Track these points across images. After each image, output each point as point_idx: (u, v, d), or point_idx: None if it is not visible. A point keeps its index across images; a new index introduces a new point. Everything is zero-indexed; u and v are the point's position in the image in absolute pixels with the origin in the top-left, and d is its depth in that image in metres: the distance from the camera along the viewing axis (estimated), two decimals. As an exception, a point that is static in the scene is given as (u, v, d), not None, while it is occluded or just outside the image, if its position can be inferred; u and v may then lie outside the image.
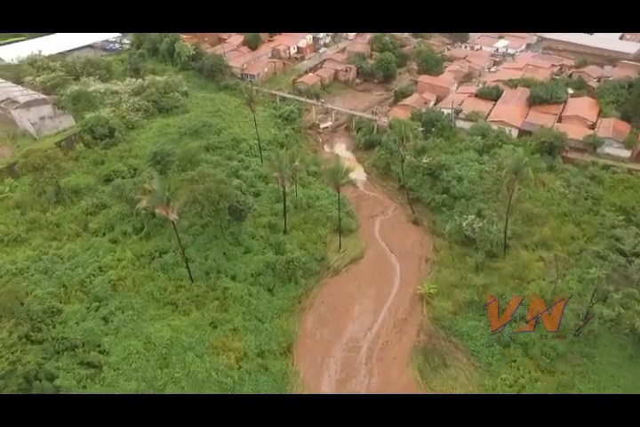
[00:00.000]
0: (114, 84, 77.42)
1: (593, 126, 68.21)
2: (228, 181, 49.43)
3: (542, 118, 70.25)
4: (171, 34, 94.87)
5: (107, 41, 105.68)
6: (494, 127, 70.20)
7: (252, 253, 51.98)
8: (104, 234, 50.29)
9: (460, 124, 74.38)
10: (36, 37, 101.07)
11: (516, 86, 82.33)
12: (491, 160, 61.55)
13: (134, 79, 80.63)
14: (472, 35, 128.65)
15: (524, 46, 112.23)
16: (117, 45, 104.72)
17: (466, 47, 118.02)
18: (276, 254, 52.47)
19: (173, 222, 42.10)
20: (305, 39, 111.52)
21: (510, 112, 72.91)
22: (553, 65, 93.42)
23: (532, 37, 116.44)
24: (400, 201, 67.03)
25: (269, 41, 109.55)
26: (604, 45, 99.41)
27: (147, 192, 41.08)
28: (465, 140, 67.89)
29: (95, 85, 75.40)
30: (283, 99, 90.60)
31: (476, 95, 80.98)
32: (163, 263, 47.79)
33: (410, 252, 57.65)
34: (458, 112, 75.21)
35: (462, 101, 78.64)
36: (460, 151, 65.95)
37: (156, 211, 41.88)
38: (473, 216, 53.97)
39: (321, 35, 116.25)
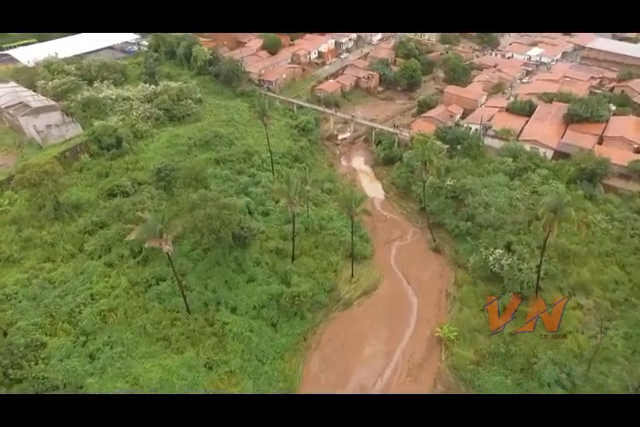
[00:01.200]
0: (126, 89, 73.90)
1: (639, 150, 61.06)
2: (232, 205, 44.76)
3: (581, 139, 63.29)
4: (188, 37, 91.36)
5: (126, 42, 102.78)
6: (526, 147, 63.74)
7: (255, 282, 47.41)
8: (100, 256, 46.50)
9: (488, 141, 68.04)
10: (55, 39, 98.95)
11: (551, 101, 75.27)
12: (523, 186, 55.25)
13: (148, 85, 77.02)
14: (503, 41, 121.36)
15: (559, 55, 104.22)
16: (136, 47, 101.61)
17: (496, 55, 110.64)
18: (282, 284, 47.90)
19: (168, 254, 37.80)
20: (327, 44, 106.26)
21: (545, 131, 66.14)
22: (592, 77, 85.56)
23: (567, 45, 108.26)
24: (420, 225, 61.40)
25: (290, 45, 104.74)
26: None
27: (138, 221, 36.88)
28: (494, 161, 61.57)
29: (107, 91, 72.00)
30: (300, 107, 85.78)
31: (507, 110, 74.24)
32: (159, 292, 43.68)
33: (429, 284, 52.12)
34: (487, 129, 68.85)
35: (492, 117, 72.11)
36: (488, 174, 59.73)
37: (146, 245, 37.58)
38: (501, 251, 48.00)
39: (343, 39, 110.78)
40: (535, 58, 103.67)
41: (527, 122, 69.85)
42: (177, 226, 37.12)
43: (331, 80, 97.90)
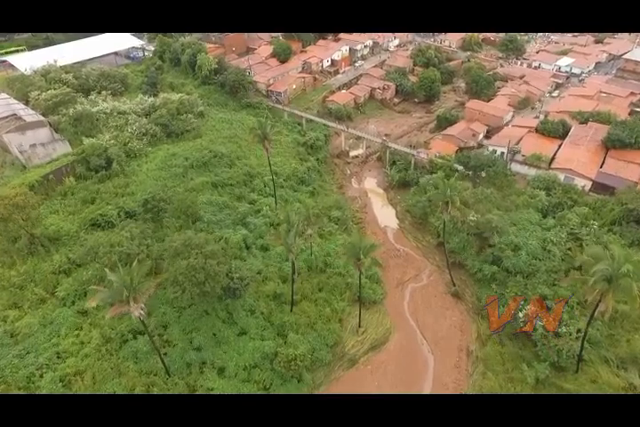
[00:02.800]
0: (122, 102, 67.59)
1: (694, 185, 52.28)
2: (220, 252, 37.86)
3: (623, 169, 54.60)
4: (194, 44, 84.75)
5: (133, 48, 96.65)
6: (560, 176, 55.47)
7: (248, 335, 40.58)
8: (73, 302, 40.25)
9: (516, 167, 59.83)
10: (59, 43, 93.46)
11: (586, 121, 66.42)
12: (558, 227, 47.16)
13: (147, 97, 70.68)
14: (528, 48, 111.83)
15: (592, 66, 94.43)
16: (141, 53, 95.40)
17: (522, 64, 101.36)
18: (278, 337, 41.14)
19: (141, 319, 31.18)
20: (340, 51, 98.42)
21: (581, 157, 57.57)
22: (632, 93, 76.10)
23: (601, 55, 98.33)
24: (437, 263, 53.82)
25: (302, 52, 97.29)
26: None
27: (103, 284, 30.37)
28: (524, 192, 53.35)
29: (102, 104, 65.80)
30: (310, 120, 78.56)
31: (537, 130, 65.73)
32: (134, 350, 37.15)
33: (447, 339, 44.67)
34: (515, 153, 60.65)
35: (520, 139, 63.76)
36: (517, 208, 51.68)
37: (108, 315, 31.03)
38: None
39: (358, 46, 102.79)
40: (565, 68, 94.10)
41: (560, 146, 61.40)
42: (150, 287, 30.45)
43: (343, 91, 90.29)
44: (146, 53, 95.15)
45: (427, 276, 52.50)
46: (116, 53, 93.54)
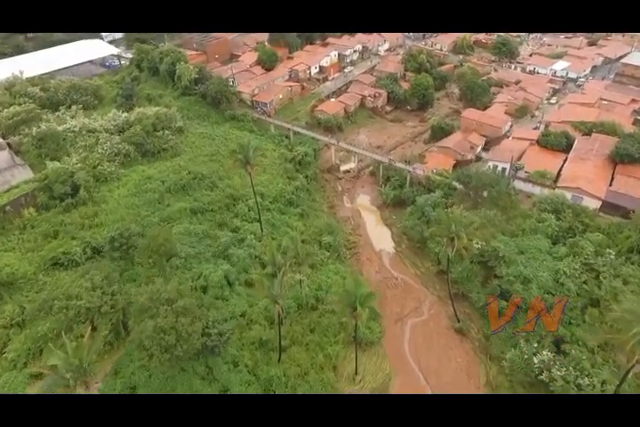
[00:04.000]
0: (93, 119, 61.12)
1: None
2: (195, 305, 32.24)
3: (635, 187, 49.58)
4: (173, 51, 78.30)
5: (112, 55, 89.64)
6: (567, 195, 50.64)
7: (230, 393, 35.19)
8: (25, 364, 34.27)
9: (519, 184, 54.90)
10: (28, 52, 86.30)
11: (589, 132, 61.75)
12: (571, 256, 42.23)
13: (120, 111, 64.31)
14: (521, 50, 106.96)
15: (588, 70, 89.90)
16: (117, 62, 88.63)
17: (515, 68, 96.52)
18: (264, 392, 35.78)
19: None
20: (329, 57, 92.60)
21: (588, 174, 52.71)
22: (634, 100, 71.63)
23: (597, 58, 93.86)
24: (438, 293, 48.71)
25: (288, 58, 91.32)
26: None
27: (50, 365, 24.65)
28: (530, 215, 48.26)
29: (70, 122, 59.32)
30: (298, 132, 72.86)
31: (539, 142, 60.89)
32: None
33: (453, 384, 39.43)
34: (517, 170, 55.73)
35: (523, 153, 58.85)
36: (524, 233, 46.65)
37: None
38: (550, 354, 35.43)
39: (347, 51, 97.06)
40: (561, 73, 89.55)
41: (565, 160, 56.60)
42: (107, 365, 24.80)
43: (333, 99, 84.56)
44: (122, 62, 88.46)
45: (427, 309, 47.36)
46: (90, 62, 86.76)
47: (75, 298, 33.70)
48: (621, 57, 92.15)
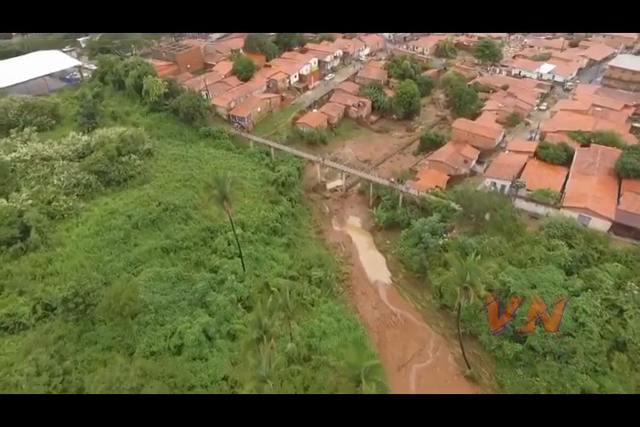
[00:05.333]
0: (48, 144, 53.39)
1: None
2: (166, 391, 25.88)
3: (646, 205, 45.75)
4: (139, 64, 70.61)
5: (79, 67, 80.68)
6: (573, 215, 46.02)
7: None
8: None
9: (521, 204, 50.01)
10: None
11: (588, 143, 57.46)
12: (589, 292, 37.41)
13: (80, 134, 56.69)
14: (504, 52, 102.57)
15: (574, 72, 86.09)
16: (77, 75, 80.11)
17: (500, 71, 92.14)
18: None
19: None
20: (309, 64, 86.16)
21: (594, 191, 48.05)
22: (626, 106, 67.90)
23: (582, 60, 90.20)
24: (443, 330, 43.49)
25: (266, 67, 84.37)
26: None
27: None
28: (538, 240, 43.31)
29: (20, 149, 51.52)
30: (278, 149, 66.53)
31: (536, 155, 56.17)
32: None
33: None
34: (518, 188, 50.89)
35: (522, 168, 54.03)
36: (533, 262, 41.64)
37: None
38: None
39: (328, 57, 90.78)
40: (547, 76, 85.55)
41: (567, 176, 52.03)
42: None
43: (315, 110, 78.40)
44: (85, 75, 80.00)
45: (432, 350, 42.01)
46: (49, 75, 77.92)
47: (14, 386, 26.79)
48: (605, 59, 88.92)
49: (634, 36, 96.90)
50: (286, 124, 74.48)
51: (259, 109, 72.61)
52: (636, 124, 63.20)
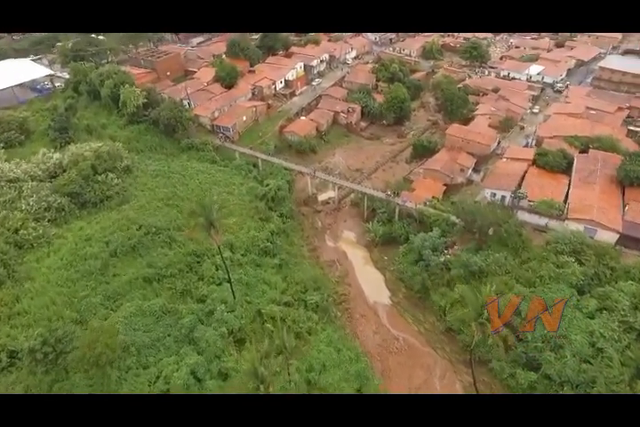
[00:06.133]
0: (15, 164, 48.64)
1: None
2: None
3: (653, 215, 43.52)
4: (115, 73, 65.83)
5: (51, 76, 75.28)
6: (579, 227, 43.54)
7: None
8: None
9: (523, 215, 47.34)
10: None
11: (586, 149, 55.22)
12: (605, 314, 34.89)
13: (51, 151, 52.00)
14: (492, 54, 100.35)
15: (564, 73, 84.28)
16: (49, 85, 74.76)
17: (489, 73, 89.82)
18: None
19: None
20: (295, 69, 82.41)
21: (598, 201, 45.74)
22: (620, 108, 66.07)
23: (570, 61, 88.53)
24: (449, 355, 40.50)
25: (250, 72, 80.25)
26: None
27: None
28: (546, 257, 40.56)
29: (-17, 170, 46.77)
30: (266, 160, 62.76)
31: (535, 163, 53.64)
32: None
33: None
34: (520, 199, 48.24)
35: (523, 177, 51.41)
36: (542, 281, 38.98)
37: None
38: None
39: (314, 62, 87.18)
40: (536, 77, 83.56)
41: (569, 185, 49.60)
42: None
43: (302, 117, 74.68)
44: (58, 84, 74.70)
45: (439, 377, 38.97)
46: (18, 86, 72.41)
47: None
48: (593, 59, 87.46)
49: (618, 36, 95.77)
50: (273, 132, 70.67)
51: (244, 118, 68.61)
52: (633, 128, 61.29)
